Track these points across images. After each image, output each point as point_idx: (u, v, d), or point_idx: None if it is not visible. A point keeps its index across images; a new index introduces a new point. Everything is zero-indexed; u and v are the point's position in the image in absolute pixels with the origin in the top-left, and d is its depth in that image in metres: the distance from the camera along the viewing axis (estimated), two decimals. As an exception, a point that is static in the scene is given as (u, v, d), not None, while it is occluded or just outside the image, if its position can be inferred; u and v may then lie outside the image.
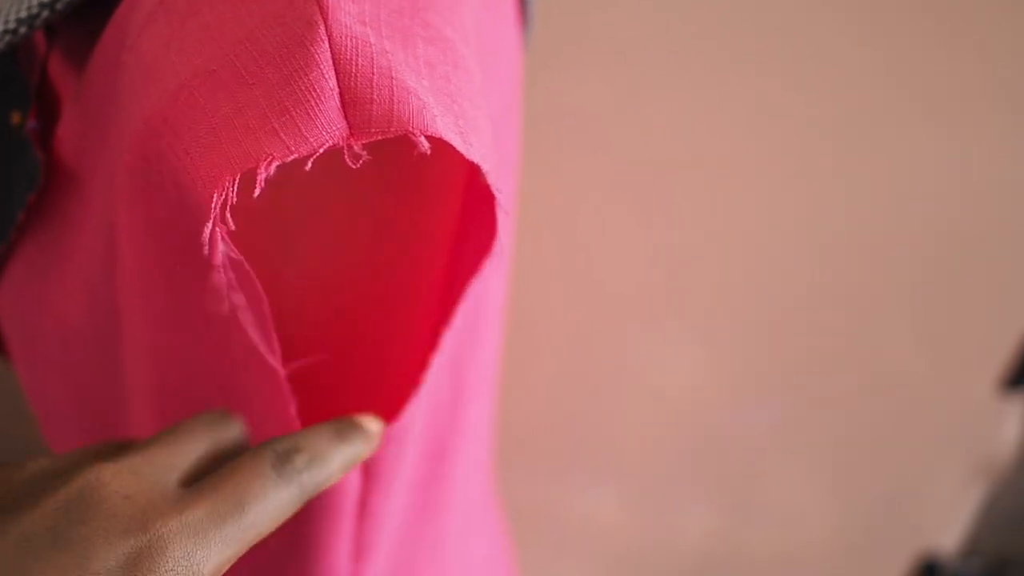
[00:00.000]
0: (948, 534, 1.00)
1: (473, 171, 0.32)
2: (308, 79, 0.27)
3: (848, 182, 0.72)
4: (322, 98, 0.27)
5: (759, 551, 0.95)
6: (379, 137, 0.27)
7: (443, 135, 0.27)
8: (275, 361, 0.32)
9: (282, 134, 0.26)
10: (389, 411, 0.38)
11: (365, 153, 0.27)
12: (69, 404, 0.45)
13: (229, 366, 0.34)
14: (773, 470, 0.90)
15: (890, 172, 0.72)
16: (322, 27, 0.27)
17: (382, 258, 0.39)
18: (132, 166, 0.30)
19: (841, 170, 0.71)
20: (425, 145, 0.27)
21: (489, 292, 0.44)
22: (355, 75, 0.27)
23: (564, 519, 0.89)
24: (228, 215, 0.26)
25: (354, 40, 0.27)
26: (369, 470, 0.38)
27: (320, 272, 0.38)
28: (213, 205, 0.26)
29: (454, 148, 0.28)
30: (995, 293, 0.81)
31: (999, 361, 0.86)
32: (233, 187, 0.26)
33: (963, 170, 0.72)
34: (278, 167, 0.26)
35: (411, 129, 0.27)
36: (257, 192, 0.26)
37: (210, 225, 0.27)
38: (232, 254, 0.28)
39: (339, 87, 0.27)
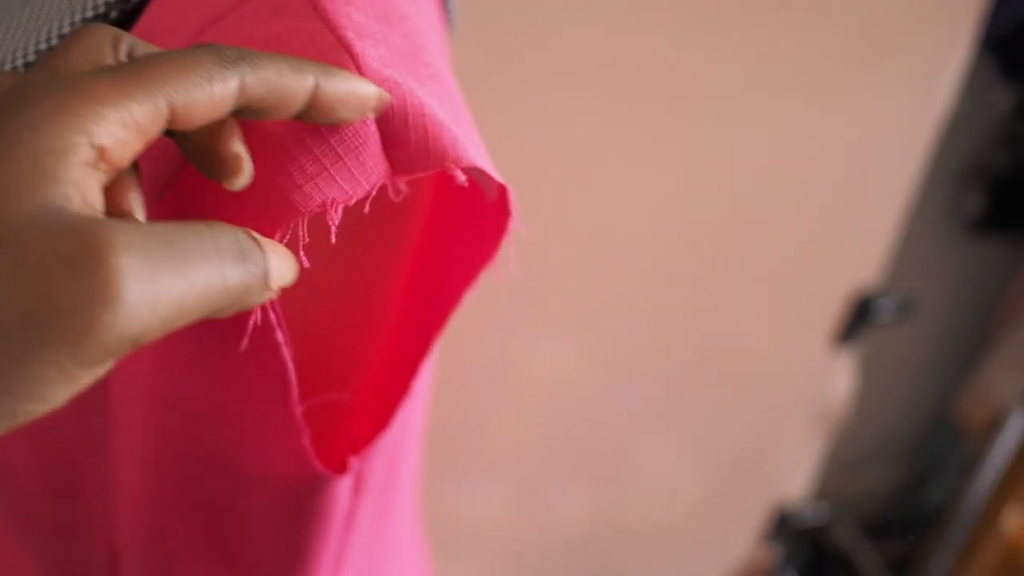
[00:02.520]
0: (796, 484, 1.09)
1: (475, 192, 0.34)
2: (353, 126, 0.28)
3: (692, 174, 0.77)
4: (368, 143, 0.28)
5: (634, 525, 1.00)
6: (419, 174, 0.29)
7: (477, 164, 0.29)
8: (294, 397, 0.33)
9: (339, 179, 0.27)
10: (378, 420, 0.39)
11: (406, 188, 0.29)
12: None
13: (243, 403, 0.34)
14: (640, 447, 0.95)
15: (726, 162, 0.78)
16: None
17: (370, 278, 0.40)
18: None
19: (688, 162, 0.77)
20: (462, 178, 0.29)
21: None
22: (391, 117, 0.29)
23: (447, 519, 0.90)
24: (302, 255, 0.27)
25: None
26: (361, 480, 0.39)
27: (321, 298, 0.39)
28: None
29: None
30: (821, 264, 0.90)
31: (830, 321, 0.95)
32: (302, 229, 0.27)
33: (788, 155, 0.79)
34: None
35: (446, 164, 0.29)
36: (333, 237, 0.27)
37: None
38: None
39: (379, 130, 0.29)
